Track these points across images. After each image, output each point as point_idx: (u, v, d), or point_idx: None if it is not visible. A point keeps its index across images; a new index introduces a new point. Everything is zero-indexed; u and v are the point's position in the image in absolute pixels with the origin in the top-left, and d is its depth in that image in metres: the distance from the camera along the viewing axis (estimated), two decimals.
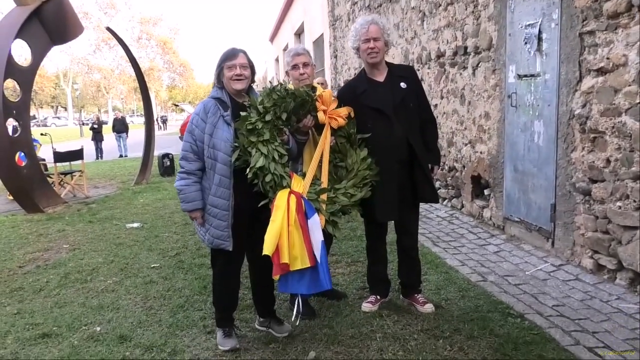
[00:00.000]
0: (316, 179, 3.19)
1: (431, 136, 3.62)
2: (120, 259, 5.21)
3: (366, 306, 3.60)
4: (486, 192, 5.87)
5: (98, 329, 3.52)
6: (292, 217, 2.84)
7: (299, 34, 21.53)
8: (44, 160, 10.40)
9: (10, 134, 8.28)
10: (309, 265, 2.86)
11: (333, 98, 3.35)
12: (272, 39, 30.69)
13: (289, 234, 2.82)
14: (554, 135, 4.41)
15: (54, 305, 4.02)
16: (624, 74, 3.62)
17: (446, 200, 6.86)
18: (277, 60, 28.51)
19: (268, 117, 2.93)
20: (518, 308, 3.52)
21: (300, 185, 3.00)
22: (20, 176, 7.87)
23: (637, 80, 3.50)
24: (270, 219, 2.84)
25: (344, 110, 3.33)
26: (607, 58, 3.76)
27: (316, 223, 2.92)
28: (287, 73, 3.54)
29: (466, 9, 5.99)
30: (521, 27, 4.83)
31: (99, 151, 19.23)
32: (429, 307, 3.53)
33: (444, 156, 6.78)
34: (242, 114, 2.93)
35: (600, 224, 3.91)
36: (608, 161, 3.82)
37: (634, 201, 3.58)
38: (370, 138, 3.36)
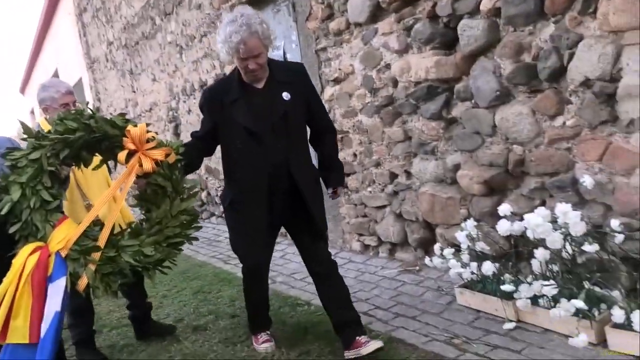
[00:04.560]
0: (94, 227, 2.48)
1: (331, 149, 2.96)
2: None
3: (263, 347, 3.02)
4: None
5: None
6: (22, 279, 2.22)
7: None
8: None
9: None
10: (28, 342, 2.21)
11: (151, 135, 2.57)
12: (22, 90, 27.56)
13: (15, 300, 2.22)
14: None
15: None
16: (353, 81, 4.29)
17: None
18: (32, 112, 25.58)
19: (35, 155, 2.33)
20: (305, 297, 3.82)
21: (63, 237, 2.33)
22: None
23: (364, 84, 4.18)
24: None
25: (159, 153, 2.52)
26: (339, 69, 4.41)
27: (58, 289, 2.26)
28: (45, 109, 3.02)
29: None
30: None
31: None
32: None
33: None
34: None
35: (359, 210, 4.53)
36: (355, 155, 4.46)
37: (379, 184, 4.25)
38: (240, 163, 2.73)
